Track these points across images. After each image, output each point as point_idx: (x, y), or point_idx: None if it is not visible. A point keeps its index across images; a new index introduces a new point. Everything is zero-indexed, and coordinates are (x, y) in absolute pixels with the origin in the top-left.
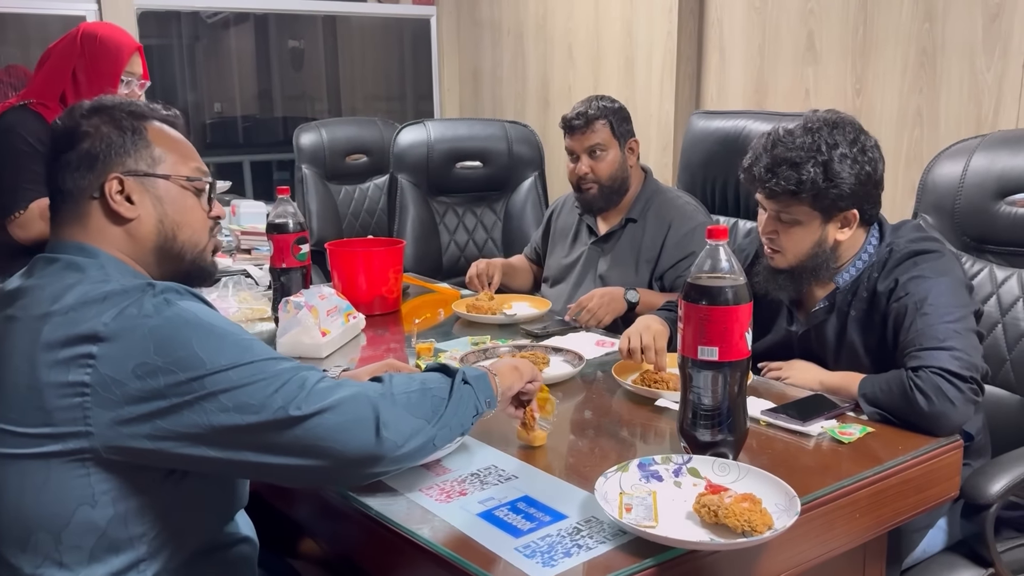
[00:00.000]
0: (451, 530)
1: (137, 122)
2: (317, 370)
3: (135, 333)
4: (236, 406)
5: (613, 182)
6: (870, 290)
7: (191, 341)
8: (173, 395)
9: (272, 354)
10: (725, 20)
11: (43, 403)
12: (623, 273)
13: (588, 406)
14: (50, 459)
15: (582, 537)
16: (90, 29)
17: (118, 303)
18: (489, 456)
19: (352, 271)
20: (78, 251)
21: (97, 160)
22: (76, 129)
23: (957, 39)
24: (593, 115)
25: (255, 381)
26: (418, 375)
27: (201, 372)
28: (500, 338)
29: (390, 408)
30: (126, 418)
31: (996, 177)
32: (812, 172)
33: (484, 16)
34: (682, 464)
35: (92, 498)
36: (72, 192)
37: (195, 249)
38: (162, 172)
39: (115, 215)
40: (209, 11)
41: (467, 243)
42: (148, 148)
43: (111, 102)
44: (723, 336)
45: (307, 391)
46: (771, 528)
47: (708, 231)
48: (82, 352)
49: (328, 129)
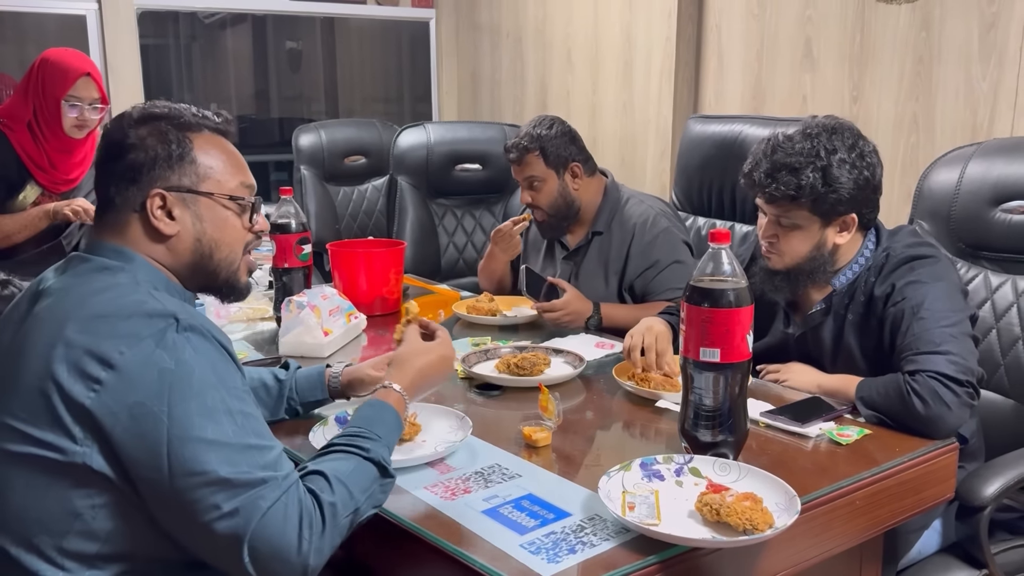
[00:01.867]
0: (456, 527)
1: (184, 134)
2: (278, 480)
3: (146, 371)
4: (198, 484)
5: (556, 210)
6: (867, 294)
7: (190, 400)
8: (153, 443)
9: (260, 442)
10: (723, 26)
11: (53, 409)
12: (594, 285)
13: (589, 407)
14: (54, 465)
15: (586, 534)
16: (45, 54)
17: (139, 330)
18: (493, 455)
19: (353, 272)
20: (114, 254)
21: (141, 173)
22: (123, 140)
23: (953, 47)
24: (524, 147)
25: (219, 479)
26: (349, 475)
27: (188, 433)
28: (500, 339)
29: (319, 543)
30: (110, 451)
31: (992, 184)
32: (811, 177)
33: (483, 19)
34: (683, 464)
35: (92, 509)
36: (115, 202)
37: (229, 268)
38: (205, 190)
39: (155, 231)
40: (208, 12)
41: (466, 245)
42: (193, 163)
43: (160, 111)
44: (725, 338)
45: (257, 515)
46: (772, 527)
47: (711, 235)
48: (92, 374)
49: (327, 130)
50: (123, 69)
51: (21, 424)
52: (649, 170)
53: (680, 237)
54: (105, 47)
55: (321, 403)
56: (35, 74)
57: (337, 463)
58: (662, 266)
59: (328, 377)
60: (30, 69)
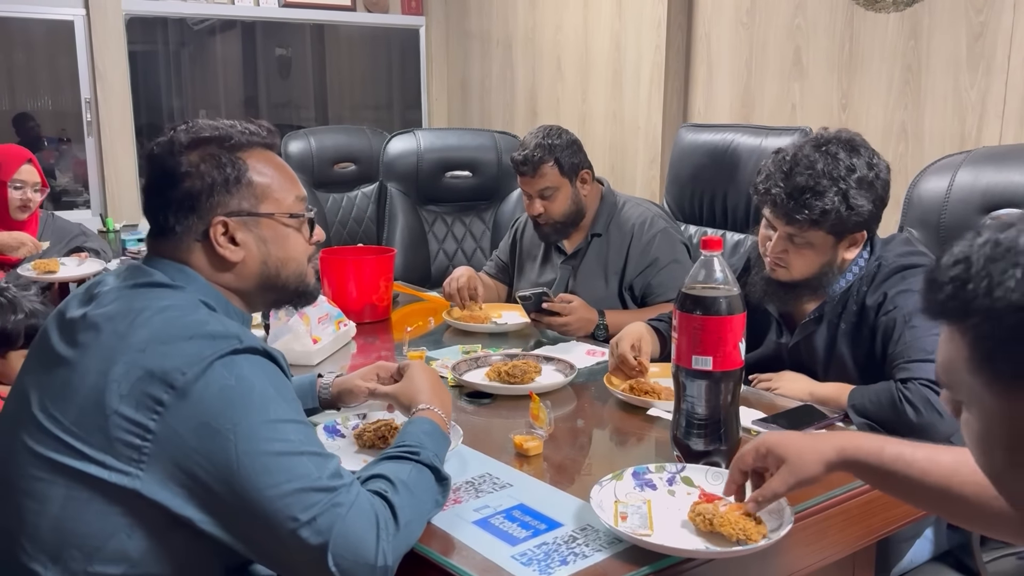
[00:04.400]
0: (447, 538)
1: (237, 156)
2: (348, 486)
3: (208, 391)
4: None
5: (567, 218)
6: (859, 303)
7: (253, 414)
8: (222, 462)
9: (323, 450)
10: (713, 35)
11: (107, 429)
12: (594, 287)
13: (580, 415)
14: (97, 483)
15: (578, 545)
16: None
17: (201, 351)
18: (484, 464)
19: (343, 279)
20: (175, 272)
21: (199, 201)
22: (176, 168)
23: (942, 56)
24: (539, 159)
25: (289, 488)
26: (408, 478)
27: (256, 447)
28: (491, 347)
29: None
30: (173, 474)
31: (981, 192)
32: (834, 201)
33: (473, 27)
34: (676, 473)
35: (129, 528)
36: (176, 231)
37: (298, 278)
38: (266, 211)
39: (220, 259)
40: (197, 18)
41: (456, 252)
42: (250, 185)
43: (210, 133)
44: (717, 346)
45: (337, 522)
46: (765, 536)
47: (703, 242)
48: (154, 395)
49: (316, 137)
50: (111, 75)
51: (71, 438)
52: (639, 178)
53: (678, 238)
54: (93, 53)
55: (312, 412)
56: None
57: (395, 466)
58: (661, 265)
59: (319, 387)
60: None
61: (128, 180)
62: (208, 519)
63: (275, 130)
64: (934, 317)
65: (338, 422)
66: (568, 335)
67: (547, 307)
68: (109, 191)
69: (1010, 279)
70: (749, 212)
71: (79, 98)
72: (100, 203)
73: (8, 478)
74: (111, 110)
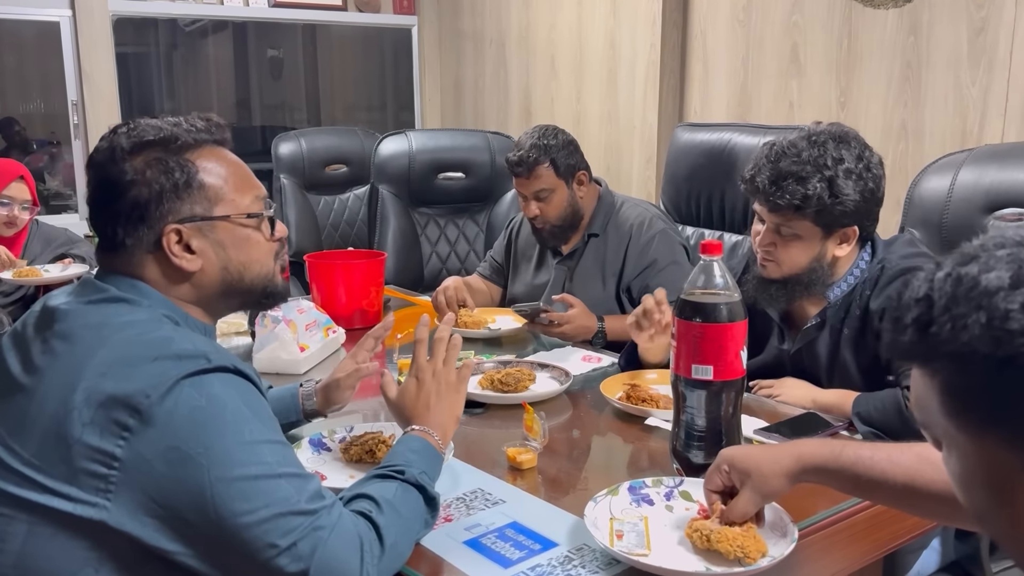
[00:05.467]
0: (436, 559)
1: (183, 157)
2: (328, 508)
3: (176, 413)
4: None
5: (564, 220)
6: (862, 308)
7: (226, 436)
8: (194, 488)
9: (302, 471)
10: (709, 32)
11: (71, 459)
12: (591, 288)
13: (576, 424)
14: (62, 517)
15: (573, 567)
16: None
17: (168, 373)
18: (476, 479)
19: (332, 284)
20: (129, 288)
21: (148, 210)
22: (120, 176)
23: (942, 53)
24: (534, 160)
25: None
26: (394, 498)
27: (229, 473)
28: (484, 353)
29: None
30: (142, 503)
31: (984, 191)
32: (817, 188)
33: (466, 26)
34: (674, 487)
35: (97, 562)
36: (126, 244)
37: (264, 280)
38: (220, 213)
39: (177, 270)
40: (186, 19)
41: (449, 255)
42: (202, 188)
43: (153, 136)
44: (718, 355)
45: (318, 546)
46: (764, 555)
47: (702, 246)
48: (119, 420)
49: (307, 139)
50: (98, 77)
51: (32, 471)
52: (635, 178)
53: (677, 239)
54: (79, 54)
55: (295, 425)
56: None
57: (380, 485)
58: (660, 266)
59: (301, 398)
60: None
61: None
62: (181, 549)
63: (224, 124)
64: (900, 358)
65: (324, 435)
66: (566, 341)
67: (545, 318)
68: None
69: (974, 325)
70: (747, 213)
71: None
72: (87, 207)
73: None
74: (98, 112)
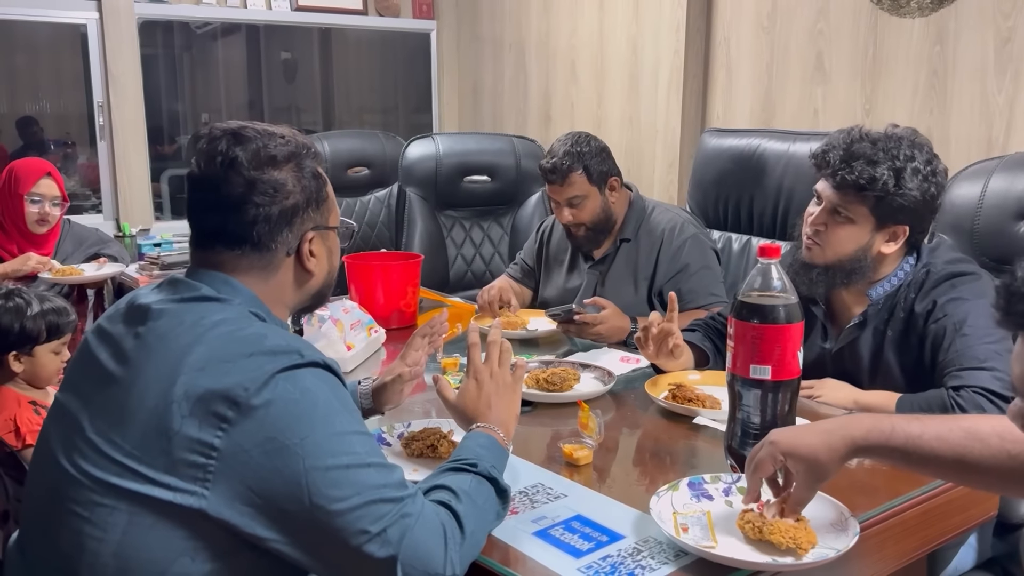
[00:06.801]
0: (509, 549)
1: (319, 168)
2: (413, 496)
3: (272, 406)
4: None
5: (597, 224)
6: (907, 310)
7: (319, 428)
8: (290, 477)
9: (388, 461)
10: (732, 39)
11: (171, 450)
12: (623, 293)
13: (624, 423)
14: (162, 506)
15: (643, 558)
16: (12, 163)
17: (264, 368)
18: (534, 474)
19: (371, 285)
20: (222, 285)
21: (296, 215)
22: (268, 183)
23: (968, 61)
24: (567, 167)
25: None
26: (470, 489)
27: (324, 462)
28: (523, 354)
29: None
30: (240, 492)
31: (1016, 198)
32: (885, 174)
33: (485, 31)
34: (732, 483)
35: (193, 551)
36: (269, 247)
37: (332, 283)
38: (334, 223)
39: (304, 272)
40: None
41: (474, 257)
42: (327, 199)
43: (299, 144)
44: (776, 355)
45: (406, 533)
46: (815, 545)
47: (760, 249)
48: (218, 412)
49: (330, 141)
50: (124, 78)
51: (134, 462)
52: (657, 183)
53: (708, 244)
54: (106, 56)
55: None
56: (3, 179)
57: (455, 477)
58: (692, 271)
59: (359, 395)
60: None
61: (141, 184)
62: (276, 536)
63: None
64: (1014, 328)
65: (383, 431)
66: (600, 342)
67: (579, 319)
68: (121, 195)
69: None
70: (776, 218)
71: (84, 101)
72: (112, 207)
73: (64, 505)
74: (124, 114)
